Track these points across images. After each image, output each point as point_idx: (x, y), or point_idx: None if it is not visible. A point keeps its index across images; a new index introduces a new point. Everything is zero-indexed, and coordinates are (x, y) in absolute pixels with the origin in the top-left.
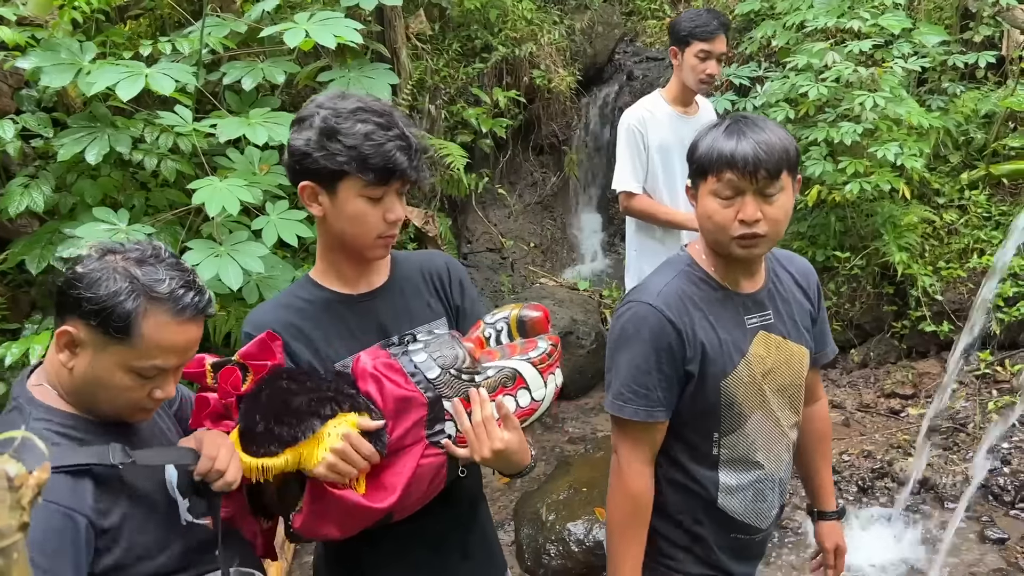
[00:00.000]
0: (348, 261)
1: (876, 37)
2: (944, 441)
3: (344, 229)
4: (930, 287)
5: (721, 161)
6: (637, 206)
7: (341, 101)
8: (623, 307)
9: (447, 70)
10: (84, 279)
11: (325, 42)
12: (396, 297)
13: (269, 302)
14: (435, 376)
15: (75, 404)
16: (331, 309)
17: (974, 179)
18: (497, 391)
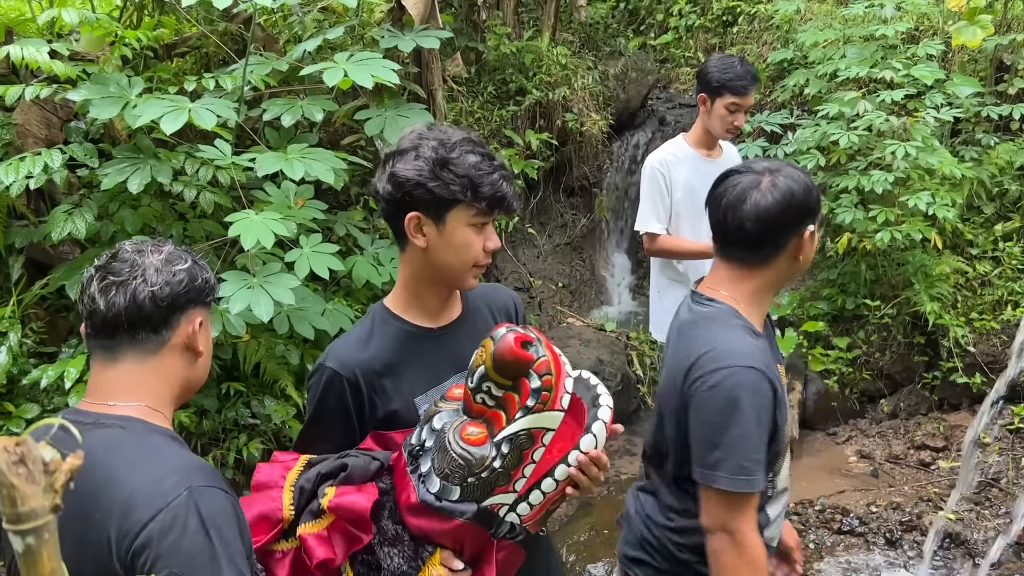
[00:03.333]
0: (436, 294)
1: (909, 87)
2: (976, 496)
3: (447, 259)
4: (962, 338)
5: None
6: (660, 246)
7: (442, 132)
8: (721, 373)
9: (481, 112)
10: None
11: (363, 82)
12: (471, 330)
13: (351, 337)
14: (458, 496)
15: None
16: (414, 343)
17: (1008, 231)
18: (523, 462)
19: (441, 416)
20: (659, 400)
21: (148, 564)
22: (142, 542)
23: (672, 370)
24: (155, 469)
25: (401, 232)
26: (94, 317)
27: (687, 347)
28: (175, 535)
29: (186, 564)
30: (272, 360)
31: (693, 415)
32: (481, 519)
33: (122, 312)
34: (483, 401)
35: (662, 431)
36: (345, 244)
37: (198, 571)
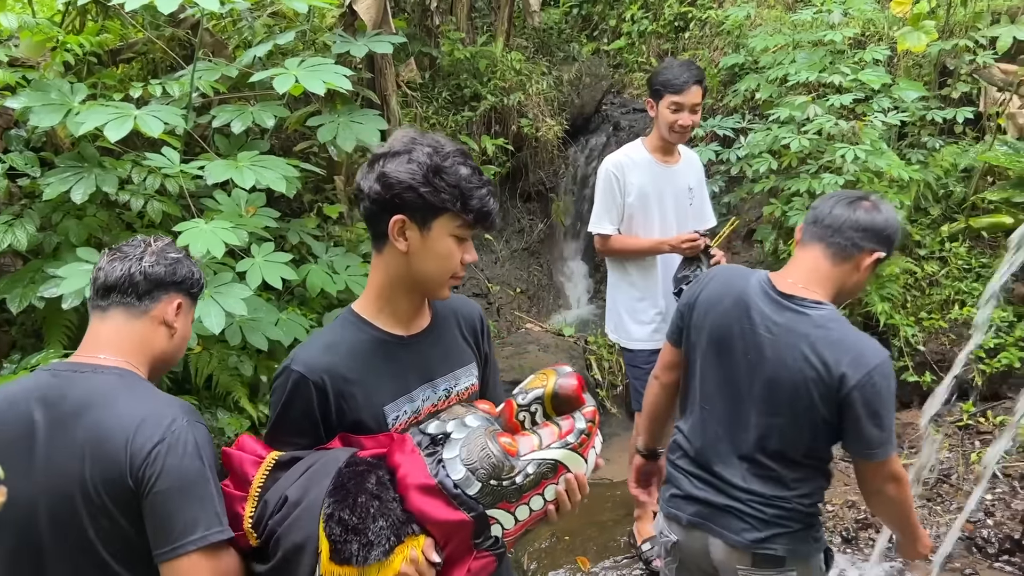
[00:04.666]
0: (409, 301)
1: (857, 92)
2: (928, 492)
3: (427, 266)
4: (912, 337)
5: None
6: (611, 246)
7: (435, 140)
8: (884, 363)
9: (436, 118)
10: None
11: (314, 88)
12: (439, 340)
13: (318, 341)
14: (475, 492)
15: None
16: (383, 350)
17: (954, 231)
18: (540, 486)
19: (476, 417)
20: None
21: (154, 477)
22: (151, 459)
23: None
24: (156, 404)
25: (382, 234)
26: (96, 283)
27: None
28: (177, 455)
29: (183, 480)
30: (225, 372)
31: (862, 409)
32: (478, 524)
33: (117, 278)
34: (523, 420)
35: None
36: (299, 252)
37: (192, 489)
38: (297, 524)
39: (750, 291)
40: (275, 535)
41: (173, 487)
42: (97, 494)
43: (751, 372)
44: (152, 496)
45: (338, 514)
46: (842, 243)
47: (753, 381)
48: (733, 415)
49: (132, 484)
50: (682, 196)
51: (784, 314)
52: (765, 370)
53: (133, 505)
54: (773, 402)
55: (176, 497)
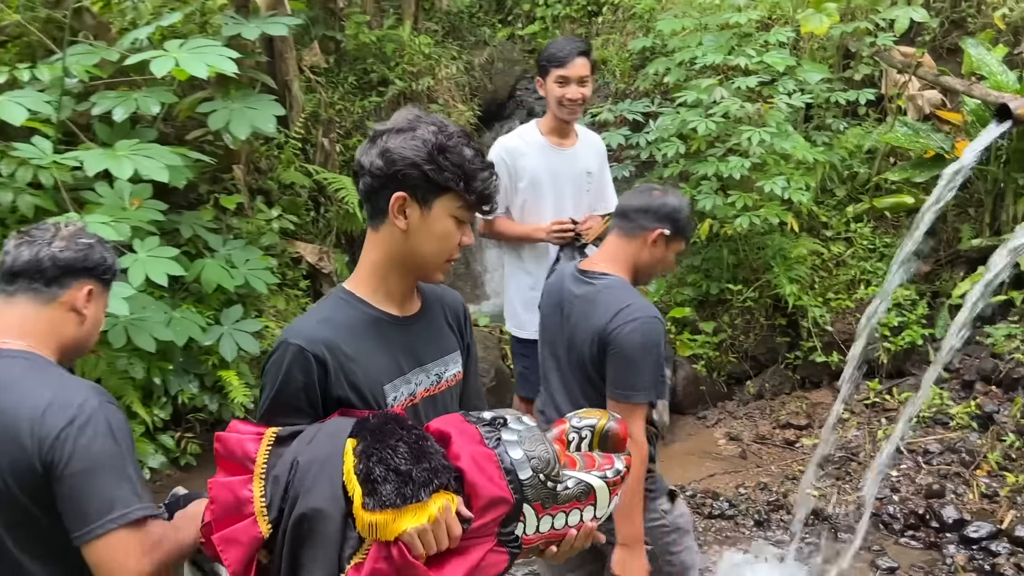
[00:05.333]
0: (404, 282)
1: (762, 74)
2: (837, 471)
3: (425, 246)
4: (820, 318)
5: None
6: (493, 228)
7: (438, 119)
8: (636, 318)
9: (343, 103)
10: None
11: (196, 72)
12: (430, 325)
13: (311, 316)
14: (526, 478)
15: None
16: (378, 329)
17: (859, 212)
18: (571, 503)
19: (530, 420)
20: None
21: (64, 460)
22: (60, 441)
23: (589, 328)
24: (65, 386)
25: (381, 211)
26: (2, 267)
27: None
28: (88, 436)
29: (96, 461)
30: (114, 375)
31: (615, 353)
32: (512, 512)
33: (24, 263)
34: (570, 442)
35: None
36: (194, 246)
37: (106, 469)
38: (316, 486)
39: (565, 277)
40: (289, 504)
41: (86, 468)
42: (4, 482)
43: (564, 341)
44: (64, 479)
45: (376, 455)
46: (630, 225)
47: (567, 348)
48: (559, 382)
49: (41, 468)
50: (579, 181)
51: (581, 287)
52: (569, 338)
53: (43, 492)
54: (577, 363)
55: (90, 478)
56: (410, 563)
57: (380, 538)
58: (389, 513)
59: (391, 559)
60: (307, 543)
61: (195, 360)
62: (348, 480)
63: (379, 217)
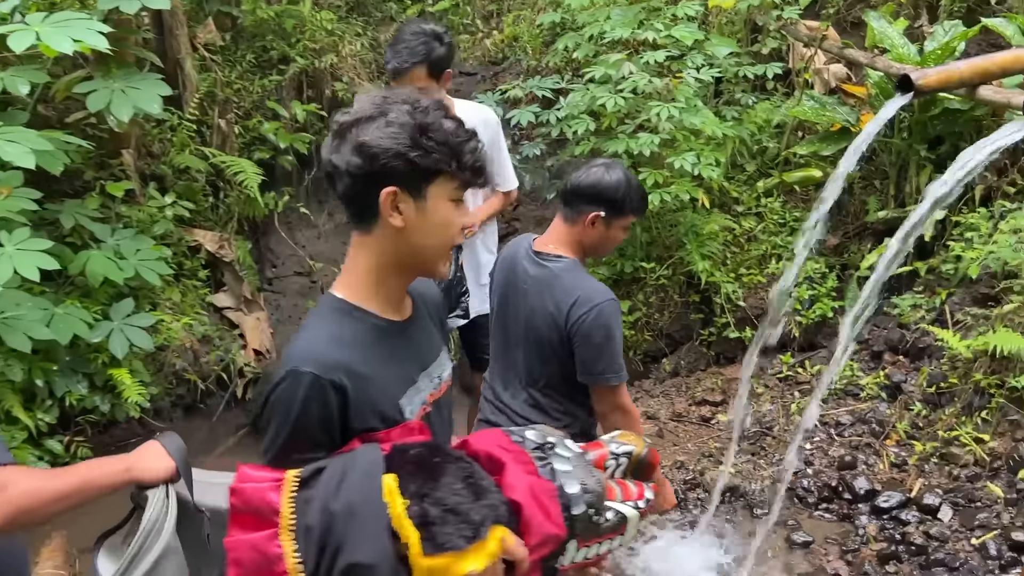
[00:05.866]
0: (403, 283)
1: (671, 48)
2: (752, 447)
3: (427, 239)
4: (732, 293)
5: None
6: None
7: (405, 95)
8: (596, 303)
9: (241, 82)
10: None
11: (61, 48)
12: (423, 325)
13: (317, 334)
14: (578, 514)
15: None
16: (382, 339)
17: (769, 187)
18: (606, 535)
19: (572, 443)
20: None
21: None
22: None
23: (548, 312)
24: None
25: (369, 211)
26: None
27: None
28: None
29: None
30: None
31: (583, 339)
32: (560, 545)
33: None
34: (608, 468)
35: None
36: (79, 237)
37: None
38: (359, 536)
39: (520, 253)
40: (328, 558)
41: None
42: None
43: (518, 319)
44: None
45: (430, 495)
46: (569, 210)
47: (520, 326)
48: (512, 357)
49: None
50: None
51: (536, 269)
52: (526, 316)
53: None
54: (531, 341)
55: None
56: None
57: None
58: (450, 556)
59: None
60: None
61: (83, 359)
62: (400, 525)
63: (368, 218)
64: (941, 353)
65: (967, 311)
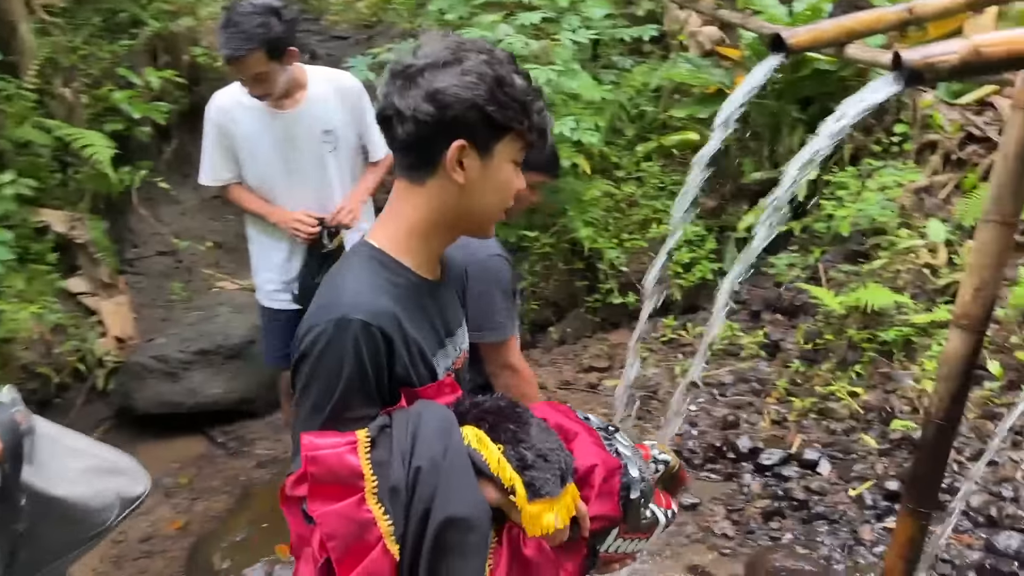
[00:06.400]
0: (446, 241)
1: (546, 10)
2: (639, 410)
3: (486, 199)
4: (616, 259)
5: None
6: (230, 196)
7: (480, 44)
8: (493, 259)
9: (87, 47)
10: None
11: None
12: (450, 291)
13: (362, 284)
14: (634, 499)
15: None
16: (419, 295)
17: (648, 151)
18: (639, 533)
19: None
20: None
21: None
22: None
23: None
24: None
25: (428, 162)
26: None
27: None
28: None
29: None
30: None
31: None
32: (609, 527)
33: None
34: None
35: None
36: None
37: None
38: (452, 490)
39: None
40: (417, 517)
41: None
42: None
43: None
44: None
45: (524, 441)
46: None
47: None
48: None
49: None
50: (314, 144)
51: None
52: None
53: None
54: None
55: None
56: (548, 558)
57: (531, 532)
58: (545, 503)
59: (521, 556)
60: (452, 555)
61: None
62: (500, 469)
63: (424, 169)
64: (816, 310)
65: (839, 268)
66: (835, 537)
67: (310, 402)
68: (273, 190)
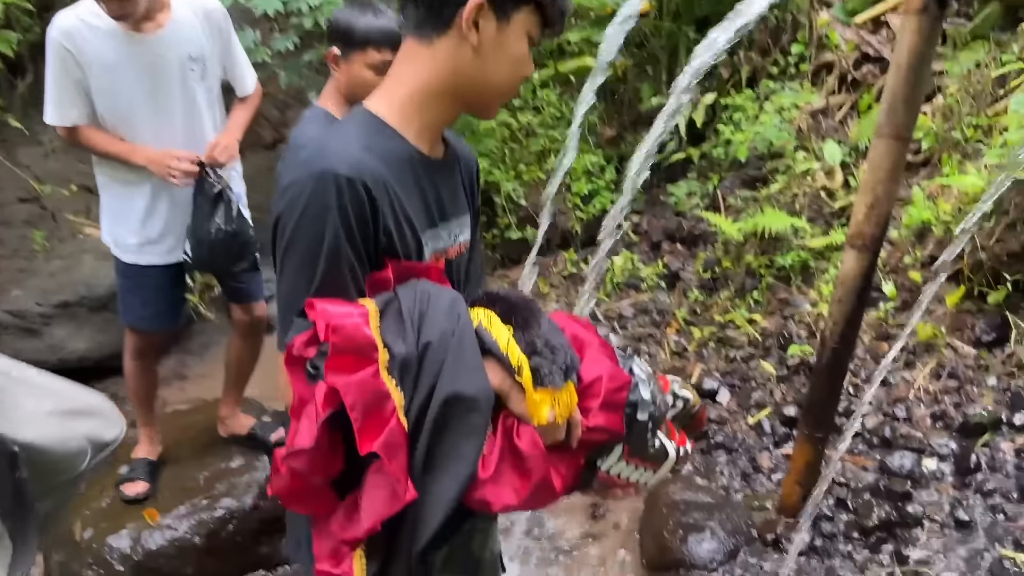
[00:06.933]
0: (446, 115)
1: None
2: None
3: (497, 69)
4: (513, 192)
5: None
6: (79, 140)
7: None
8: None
9: None
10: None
11: None
12: (452, 175)
13: (344, 140)
14: (641, 420)
15: None
16: (412, 168)
17: (545, 78)
18: (647, 462)
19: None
20: None
21: None
22: None
23: None
24: None
25: (440, 18)
26: None
27: None
28: None
29: None
30: None
31: None
32: (609, 444)
33: None
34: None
35: None
36: None
37: None
38: (458, 368)
39: None
40: (423, 390)
41: None
42: None
43: None
44: None
45: (535, 328)
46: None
47: None
48: None
49: None
50: (181, 72)
51: None
52: None
53: None
54: None
55: None
56: (541, 453)
57: (530, 419)
58: (547, 393)
59: (514, 447)
60: (454, 432)
61: None
62: (510, 350)
63: (435, 26)
64: (715, 238)
65: (738, 194)
66: (734, 466)
67: (295, 265)
68: (135, 128)
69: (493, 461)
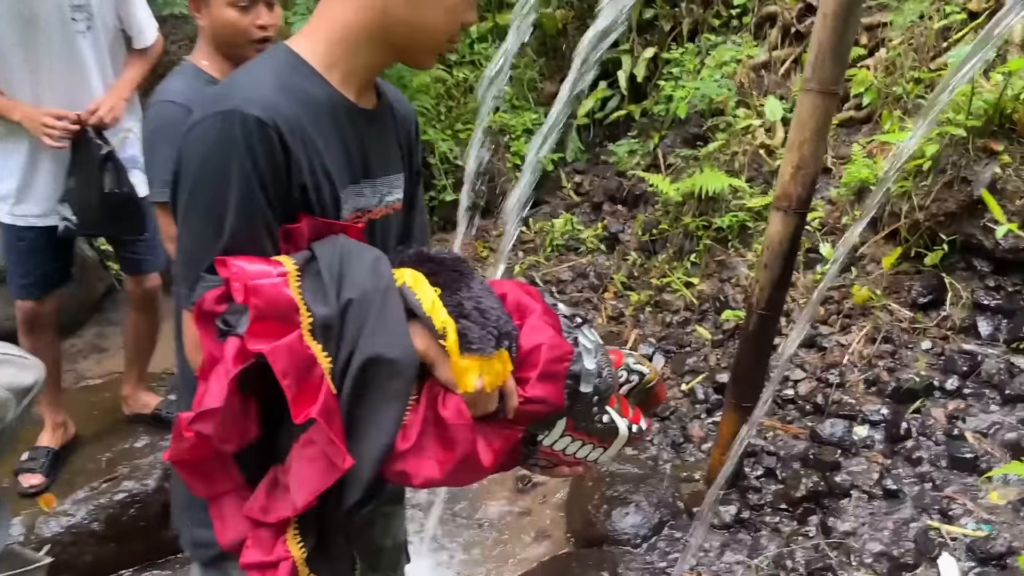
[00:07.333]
0: (375, 62)
1: None
2: None
3: (430, 14)
4: (449, 152)
5: None
6: None
7: None
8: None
9: None
10: None
11: None
12: (384, 131)
13: (259, 79)
14: (584, 392)
15: None
16: (335, 118)
17: (483, 32)
18: (594, 437)
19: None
20: None
21: None
22: None
23: None
24: None
25: None
26: None
27: None
28: None
29: None
30: None
31: None
32: (549, 417)
33: None
34: (623, 378)
35: None
36: None
37: None
38: (379, 330)
39: None
40: (344, 353)
41: None
42: None
43: None
44: None
45: (464, 291)
46: None
47: None
48: None
49: None
50: (62, 19)
51: None
52: None
53: None
54: None
55: None
56: (466, 423)
57: (460, 389)
58: (474, 360)
59: (438, 417)
60: (373, 397)
61: None
62: (434, 312)
63: None
64: (655, 199)
65: (678, 153)
66: (664, 435)
67: (199, 214)
68: (11, 82)
69: (415, 431)
